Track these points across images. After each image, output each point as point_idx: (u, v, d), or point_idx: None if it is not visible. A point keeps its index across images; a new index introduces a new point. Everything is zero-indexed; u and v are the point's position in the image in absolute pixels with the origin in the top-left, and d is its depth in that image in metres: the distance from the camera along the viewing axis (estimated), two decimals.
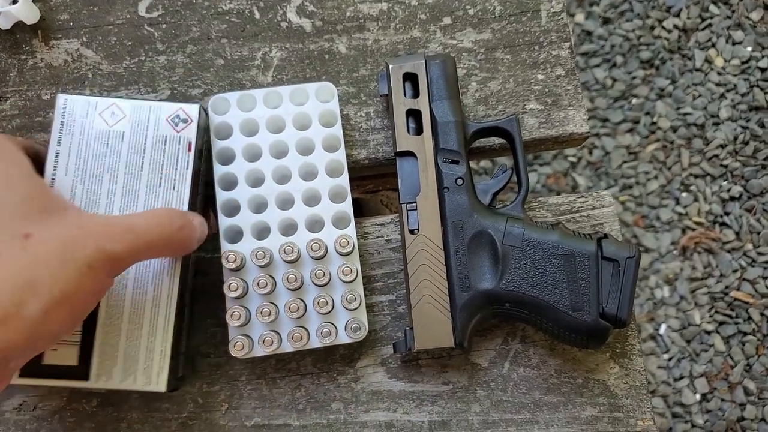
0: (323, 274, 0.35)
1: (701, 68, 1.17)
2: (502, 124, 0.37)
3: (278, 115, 0.38)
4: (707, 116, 1.15)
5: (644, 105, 1.17)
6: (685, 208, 1.13)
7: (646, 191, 1.15)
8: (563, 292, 0.34)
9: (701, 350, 1.07)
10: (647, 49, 1.19)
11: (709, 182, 1.13)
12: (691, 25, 1.19)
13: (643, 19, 1.20)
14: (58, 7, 0.41)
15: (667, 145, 1.16)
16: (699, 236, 1.11)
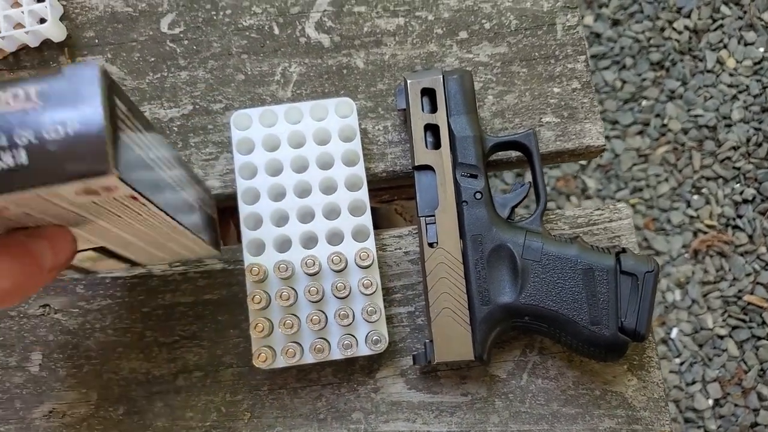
0: (344, 287, 0.35)
1: (713, 69, 1.17)
2: (520, 138, 0.37)
3: (299, 131, 0.38)
4: (719, 118, 1.15)
5: (654, 107, 1.17)
6: (697, 211, 1.12)
7: (657, 194, 1.14)
8: (582, 306, 0.34)
9: (714, 355, 1.07)
10: (657, 51, 1.18)
11: (721, 185, 1.13)
12: (702, 26, 1.19)
13: (653, 20, 1.20)
14: (84, 24, 0.42)
15: (678, 148, 1.15)
16: (711, 239, 1.11)
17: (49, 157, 0.19)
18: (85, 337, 0.39)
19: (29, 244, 0.22)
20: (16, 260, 0.22)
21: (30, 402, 0.38)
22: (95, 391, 0.38)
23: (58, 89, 0.20)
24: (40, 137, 0.19)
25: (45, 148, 0.19)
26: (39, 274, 0.23)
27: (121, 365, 0.38)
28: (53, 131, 0.19)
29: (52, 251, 0.23)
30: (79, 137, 0.20)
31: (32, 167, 0.19)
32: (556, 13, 0.42)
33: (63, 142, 0.19)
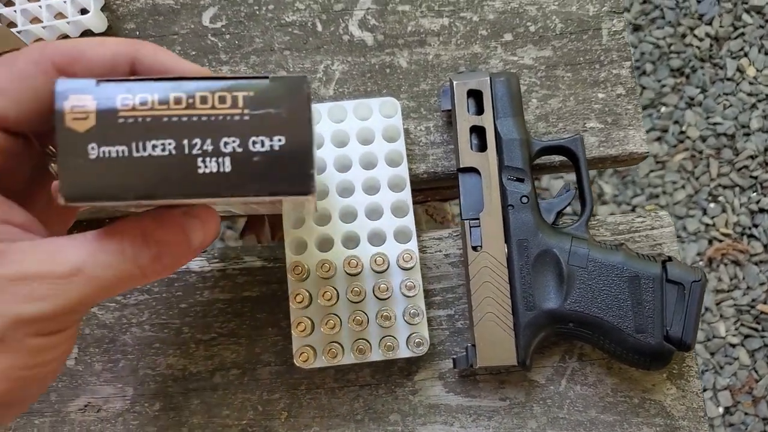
0: (387, 288, 0.35)
1: (733, 78, 1.16)
2: (566, 143, 0.37)
3: (342, 130, 0.38)
4: (738, 126, 1.14)
5: (673, 114, 1.16)
6: (713, 219, 1.12)
7: (673, 201, 1.14)
8: (627, 314, 0.34)
9: (725, 363, 1.07)
10: (678, 57, 1.18)
11: (737, 193, 1.13)
12: (724, 33, 1.18)
13: (674, 26, 1.19)
14: (125, 16, 0.41)
15: (695, 155, 1.15)
16: (726, 248, 1.10)
17: (253, 169, 0.19)
18: (121, 332, 0.38)
19: (185, 222, 0.23)
20: (176, 238, 0.23)
21: (66, 395, 0.38)
22: (131, 386, 0.38)
23: (265, 99, 0.20)
24: (246, 147, 0.19)
25: (250, 159, 0.19)
26: (189, 250, 0.24)
27: (158, 361, 0.38)
28: (259, 143, 0.19)
29: (203, 231, 0.24)
30: (285, 154, 0.19)
31: (234, 176, 0.19)
32: (601, 18, 0.41)
33: (268, 156, 0.19)
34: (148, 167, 0.20)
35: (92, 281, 0.21)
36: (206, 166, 0.19)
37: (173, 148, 0.20)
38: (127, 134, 0.20)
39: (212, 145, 0.19)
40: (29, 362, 0.22)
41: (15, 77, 0.21)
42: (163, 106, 0.20)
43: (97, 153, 0.20)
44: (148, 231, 0.22)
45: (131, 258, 0.22)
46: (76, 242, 0.22)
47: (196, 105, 0.20)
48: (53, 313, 0.21)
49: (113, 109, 0.20)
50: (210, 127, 0.20)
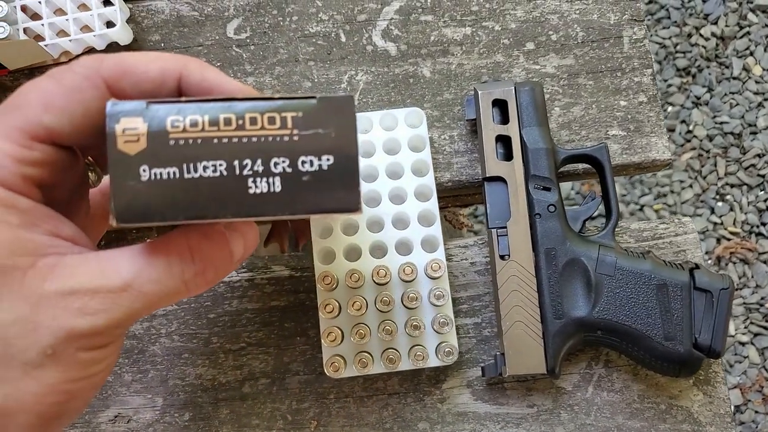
0: (415, 298, 0.36)
1: (739, 77, 1.16)
2: (592, 152, 0.37)
3: (368, 140, 0.38)
4: (744, 125, 1.15)
5: (680, 113, 1.17)
6: (721, 218, 1.12)
7: (681, 200, 1.14)
8: (656, 322, 0.34)
9: (735, 361, 1.07)
10: (684, 57, 1.18)
11: (745, 192, 1.13)
12: (729, 33, 1.18)
13: (680, 26, 1.19)
14: (150, 28, 0.41)
15: (702, 154, 1.15)
16: (734, 246, 1.11)
17: (302, 188, 0.20)
18: (150, 343, 0.39)
19: (228, 236, 0.24)
20: (220, 253, 0.23)
21: (96, 406, 0.38)
22: (161, 397, 0.38)
23: (313, 119, 0.20)
24: (295, 167, 0.20)
25: (299, 179, 0.20)
26: (231, 264, 0.24)
27: (187, 371, 0.38)
28: (308, 162, 0.20)
29: (243, 243, 0.24)
30: (333, 172, 0.20)
31: (284, 195, 0.20)
32: (623, 26, 0.42)
33: (317, 175, 0.20)
34: (199, 188, 0.20)
35: (141, 296, 0.22)
36: (257, 187, 0.20)
37: (224, 169, 0.20)
38: (178, 156, 0.20)
39: (263, 165, 0.20)
40: (78, 375, 0.22)
41: (65, 91, 0.22)
42: (213, 127, 0.20)
43: (149, 175, 0.20)
44: (194, 246, 0.23)
45: (178, 273, 0.22)
46: (125, 257, 0.22)
47: (245, 126, 0.20)
48: (104, 327, 0.21)
49: (164, 130, 0.20)
50: (260, 147, 0.20)
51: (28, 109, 0.21)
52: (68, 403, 0.22)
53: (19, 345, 0.20)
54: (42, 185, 0.22)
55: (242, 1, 0.42)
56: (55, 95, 0.21)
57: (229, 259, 0.24)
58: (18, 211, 0.21)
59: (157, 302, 0.22)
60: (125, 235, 0.41)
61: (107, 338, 0.22)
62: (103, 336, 0.22)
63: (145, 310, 0.22)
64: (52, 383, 0.21)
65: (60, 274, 0.21)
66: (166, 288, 0.22)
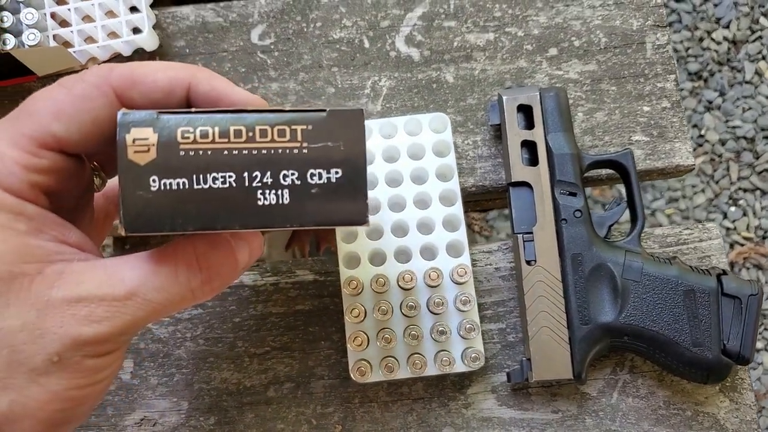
0: (441, 303, 0.36)
1: (751, 81, 1.16)
2: (617, 157, 0.37)
3: (393, 145, 0.38)
4: (757, 129, 1.14)
5: (692, 117, 1.16)
6: (734, 223, 1.12)
7: (693, 205, 1.14)
8: (683, 328, 0.34)
9: (749, 368, 1.06)
10: (695, 61, 1.18)
11: (758, 197, 1.12)
12: (741, 37, 1.18)
13: (691, 30, 1.19)
14: (175, 34, 0.42)
15: (715, 159, 1.15)
16: (748, 251, 1.10)
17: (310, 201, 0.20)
18: (176, 346, 0.39)
19: (234, 244, 0.23)
20: (227, 261, 0.23)
21: (122, 409, 0.38)
22: (186, 401, 0.38)
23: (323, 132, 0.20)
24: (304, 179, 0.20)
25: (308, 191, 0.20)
26: (236, 272, 0.24)
27: (212, 375, 0.38)
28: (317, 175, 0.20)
29: (248, 252, 0.24)
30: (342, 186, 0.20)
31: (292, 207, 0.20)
32: (645, 32, 0.42)
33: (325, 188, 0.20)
34: (208, 199, 0.20)
35: (147, 304, 0.22)
36: (266, 198, 0.20)
37: (233, 181, 0.20)
38: (188, 167, 0.20)
39: (272, 177, 0.20)
40: (83, 382, 0.22)
41: (75, 99, 0.22)
42: (223, 139, 0.20)
43: (158, 185, 0.20)
44: (201, 255, 0.23)
45: (184, 282, 0.22)
46: (131, 264, 0.22)
47: (255, 138, 0.20)
48: (109, 334, 0.21)
49: (174, 141, 0.20)
50: (270, 159, 0.20)
51: (38, 117, 0.21)
52: (73, 409, 0.22)
53: (26, 351, 0.20)
54: (49, 192, 0.22)
55: (266, 7, 0.42)
56: (65, 104, 0.22)
57: (234, 267, 0.24)
58: (25, 218, 0.21)
59: (163, 310, 0.22)
60: (149, 239, 0.42)
61: (112, 345, 0.22)
62: (109, 343, 0.22)
63: (151, 318, 0.22)
64: (58, 390, 0.21)
65: (67, 281, 0.21)
66: (171, 296, 0.22)
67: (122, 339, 0.23)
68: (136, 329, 0.22)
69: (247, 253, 0.24)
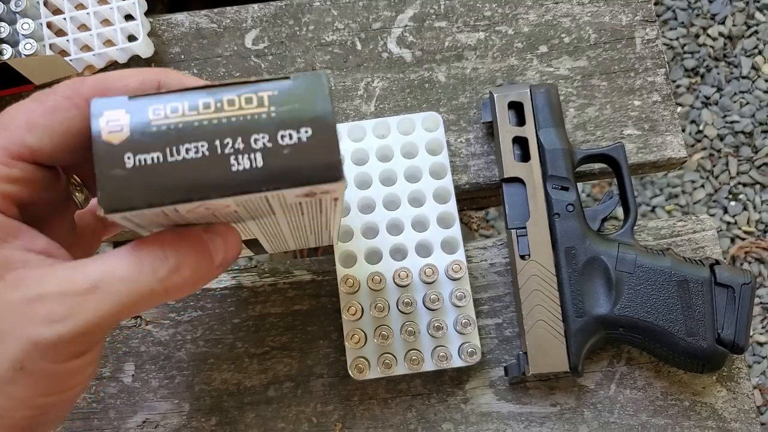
0: (437, 299, 0.36)
1: (748, 75, 1.16)
2: (609, 151, 0.37)
3: (386, 145, 0.39)
4: (755, 124, 1.14)
5: (690, 113, 1.16)
6: (734, 218, 1.12)
7: (693, 200, 1.14)
8: (678, 318, 0.34)
9: (753, 362, 1.06)
10: (692, 57, 1.18)
11: (758, 191, 1.12)
12: (737, 32, 1.18)
13: (687, 27, 1.20)
14: (170, 40, 0.43)
15: (714, 154, 1.15)
16: (749, 246, 1.10)
17: (284, 162, 0.20)
18: (176, 349, 0.39)
19: (203, 235, 0.23)
20: (196, 251, 0.22)
21: (124, 412, 0.39)
22: (187, 402, 0.39)
23: (289, 96, 0.20)
24: (275, 141, 0.20)
25: (280, 152, 0.20)
26: (211, 265, 0.23)
27: (213, 376, 0.39)
28: (287, 136, 0.20)
29: (224, 248, 0.24)
30: (313, 144, 0.20)
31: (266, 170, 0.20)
32: (634, 27, 0.42)
33: (297, 147, 0.20)
34: (183, 170, 0.20)
35: (110, 296, 0.21)
36: (239, 164, 0.20)
37: (206, 150, 0.20)
38: (160, 141, 0.20)
39: (243, 143, 0.20)
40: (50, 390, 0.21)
41: (47, 111, 0.22)
42: (193, 111, 0.20)
43: (133, 162, 0.20)
44: (165, 242, 0.22)
45: (150, 270, 0.21)
46: (95, 260, 0.21)
47: (224, 108, 0.20)
48: (72, 334, 0.20)
49: (146, 118, 0.20)
50: (240, 126, 0.20)
51: (11, 129, 0.22)
52: (42, 416, 0.22)
53: None
54: (21, 202, 0.22)
55: (259, 12, 0.43)
56: (37, 116, 0.22)
57: (209, 261, 0.23)
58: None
59: (131, 303, 0.21)
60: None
61: (78, 347, 0.21)
62: (74, 344, 0.21)
63: (119, 313, 0.21)
64: (24, 398, 0.21)
65: (27, 283, 0.21)
66: (138, 286, 0.21)
67: (91, 340, 0.21)
68: (104, 327, 0.21)
69: (222, 248, 0.23)
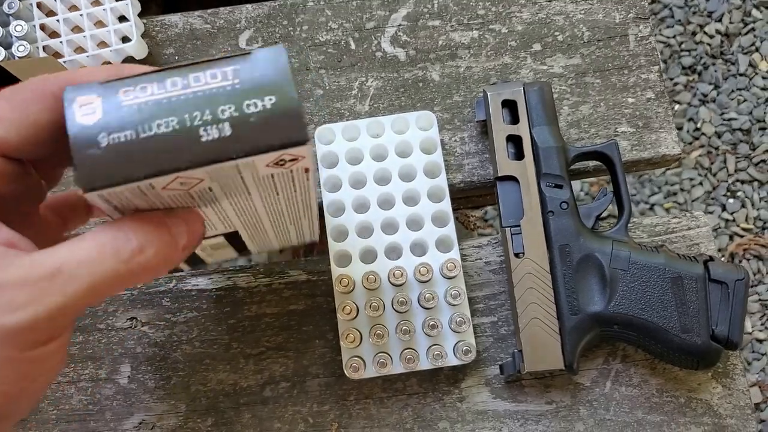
0: (432, 297, 0.36)
1: (745, 73, 1.16)
2: (602, 148, 0.37)
3: (381, 144, 0.39)
4: (753, 121, 1.14)
5: (687, 111, 1.16)
6: (732, 215, 1.12)
7: (692, 198, 1.14)
8: (672, 315, 0.34)
9: (753, 359, 1.06)
10: (689, 55, 1.18)
11: (756, 188, 1.12)
12: (734, 29, 1.18)
13: (684, 25, 1.20)
14: (164, 42, 0.43)
15: (711, 151, 1.15)
16: (747, 243, 1.10)
17: (252, 129, 0.21)
18: (172, 349, 0.39)
19: (167, 220, 0.23)
20: (159, 233, 0.23)
21: (120, 414, 0.39)
22: (184, 403, 0.39)
23: (251, 69, 0.22)
24: (242, 110, 0.21)
25: (247, 120, 0.21)
26: (175, 250, 0.23)
27: (209, 377, 0.39)
28: (252, 105, 0.21)
29: (187, 230, 0.24)
30: (278, 110, 0.21)
31: (235, 138, 0.21)
32: (628, 24, 0.42)
33: (263, 115, 0.21)
34: (155, 145, 0.21)
35: (73, 280, 0.21)
36: (208, 134, 0.21)
37: (176, 124, 0.21)
38: (132, 119, 0.21)
39: (211, 114, 0.21)
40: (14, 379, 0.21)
41: (15, 107, 0.23)
42: (161, 90, 0.22)
43: (107, 140, 0.21)
44: (127, 225, 0.22)
45: (111, 252, 0.22)
46: (57, 247, 0.21)
47: (190, 84, 0.22)
48: (35, 320, 0.20)
49: (118, 99, 0.22)
50: (207, 99, 0.21)
51: None
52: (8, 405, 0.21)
53: None
54: None
55: (253, 12, 0.43)
56: (4, 110, 0.23)
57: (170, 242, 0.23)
58: None
59: (96, 287, 0.21)
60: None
61: (43, 334, 0.21)
62: (38, 332, 0.21)
63: (84, 298, 0.21)
64: None
65: None
66: (101, 268, 0.21)
67: (56, 326, 0.21)
68: (69, 313, 0.21)
69: (185, 230, 0.24)
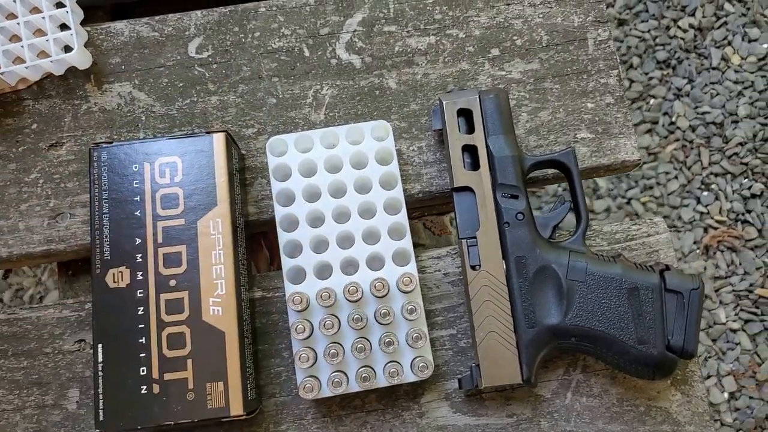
0: (388, 313, 0.35)
1: (718, 67, 1.17)
2: (559, 157, 0.37)
3: (335, 155, 0.38)
4: (726, 114, 1.15)
5: (662, 105, 1.17)
6: (707, 207, 1.13)
7: (667, 191, 1.15)
8: (629, 326, 0.34)
9: (727, 348, 1.07)
10: (663, 50, 1.18)
11: (729, 180, 1.13)
12: (707, 23, 1.19)
13: (658, 19, 1.20)
14: (109, 50, 0.41)
15: (686, 145, 1.16)
16: (721, 235, 1.11)
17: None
18: None
19: None
20: None
21: None
22: None
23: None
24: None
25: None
26: None
27: None
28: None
29: None
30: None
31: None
32: (587, 28, 0.41)
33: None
34: None
35: None
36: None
37: None
38: None
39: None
40: None
41: None
42: None
43: None
44: None
45: None
46: None
47: None
48: None
49: None
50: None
51: None
52: None
53: None
54: None
55: (203, 19, 0.42)
56: None
57: None
58: None
59: None
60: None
61: None
62: None
63: None
64: None
65: None
66: None
67: None
68: None
69: None
